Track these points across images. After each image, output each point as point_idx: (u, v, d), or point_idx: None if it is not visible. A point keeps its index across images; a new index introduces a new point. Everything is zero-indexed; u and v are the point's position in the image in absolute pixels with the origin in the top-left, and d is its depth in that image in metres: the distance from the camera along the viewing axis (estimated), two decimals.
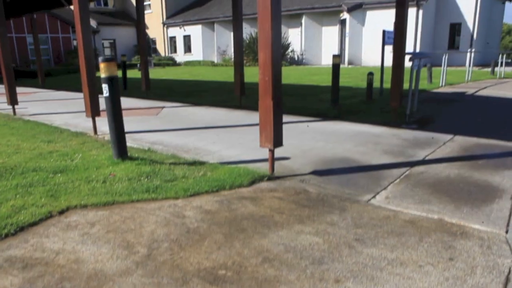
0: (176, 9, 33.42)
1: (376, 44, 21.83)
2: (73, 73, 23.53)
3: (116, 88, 3.82)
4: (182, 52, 32.35)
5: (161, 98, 10.39)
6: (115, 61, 3.80)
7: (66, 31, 28.30)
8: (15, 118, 7.87)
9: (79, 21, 5.53)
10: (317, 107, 8.17)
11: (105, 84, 3.79)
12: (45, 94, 12.74)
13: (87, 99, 5.77)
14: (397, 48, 6.16)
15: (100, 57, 3.73)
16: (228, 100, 9.47)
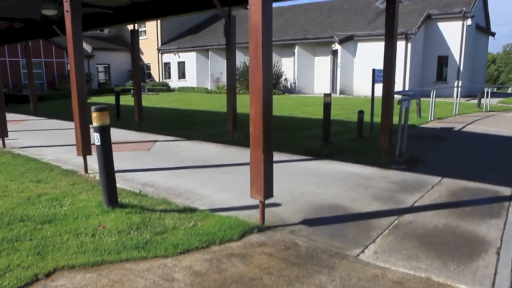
0: (171, 36, 33.86)
1: (367, 75, 22.20)
2: (66, 98, 23.55)
3: (108, 137, 3.85)
4: (176, 78, 32.61)
5: (154, 130, 10.41)
6: (107, 110, 3.83)
7: (61, 55, 28.44)
8: (5, 151, 7.83)
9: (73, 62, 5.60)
10: (309, 144, 8.24)
11: (97, 133, 3.82)
12: (36, 122, 12.72)
13: (78, 139, 5.78)
14: (386, 85, 6.25)
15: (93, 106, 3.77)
16: (221, 134, 9.52)
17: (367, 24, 23.96)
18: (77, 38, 5.54)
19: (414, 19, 22.30)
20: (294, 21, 27.91)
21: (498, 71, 76.82)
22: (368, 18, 24.46)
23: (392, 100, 6.29)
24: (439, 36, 22.95)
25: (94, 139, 3.98)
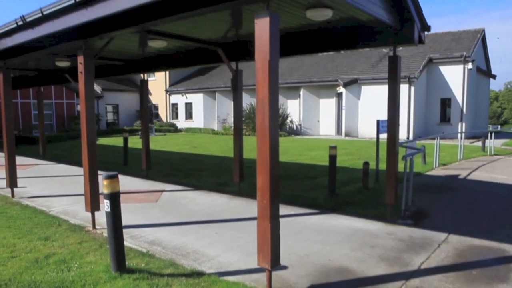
0: (179, 78, 34.72)
1: (371, 117, 22.62)
2: (75, 139, 23.90)
3: (117, 204, 3.94)
4: (183, 119, 33.12)
5: (161, 178, 10.51)
6: (117, 177, 3.94)
7: (71, 97, 29.13)
8: (13, 202, 7.92)
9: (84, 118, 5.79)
10: (315, 196, 8.27)
11: (107, 200, 3.92)
12: (45, 167, 12.88)
13: (87, 195, 5.87)
14: (390, 131, 6.31)
15: (104, 173, 3.88)
16: (228, 183, 9.60)
17: (371, 67, 24.48)
18: (90, 97, 5.76)
19: (416, 63, 22.79)
20: (299, 64, 28.59)
21: (501, 108, 77.42)
22: (371, 62, 25.01)
23: (396, 148, 6.35)
24: (441, 79, 23.37)
25: (105, 207, 4.07)
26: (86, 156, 5.79)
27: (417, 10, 6.04)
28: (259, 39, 3.59)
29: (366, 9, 5.16)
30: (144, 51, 8.94)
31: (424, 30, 6.50)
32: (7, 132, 8.28)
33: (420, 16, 6.18)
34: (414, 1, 5.95)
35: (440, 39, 25.14)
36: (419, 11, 6.10)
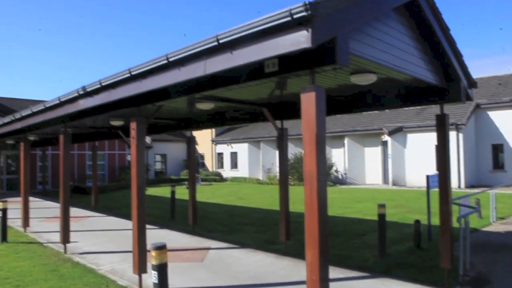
0: (224, 128, 35.63)
1: (419, 166, 21.93)
2: (125, 189, 24.76)
3: (165, 276, 3.96)
4: (228, 168, 33.58)
5: (206, 233, 10.54)
6: (165, 248, 3.99)
7: (122, 148, 30.55)
8: (65, 258, 8.16)
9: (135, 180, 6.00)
10: (364, 256, 7.92)
11: (154, 272, 3.95)
12: (96, 220, 13.33)
13: (135, 257, 5.96)
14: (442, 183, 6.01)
15: (152, 244, 3.94)
16: (274, 240, 9.44)
17: (416, 115, 24.04)
18: (140, 162, 5.99)
19: (463, 109, 22.11)
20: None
21: None
22: (416, 109, 24.59)
23: (449, 207, 6.01)
24: (491, 124, 22.47)
25: (152, 278, 4.10)
26: (135, 219, 5.93)
27: (462, 69, 5.94)
28: (305, 113, 3.64)
29: (411, 72, 5.15)
30: (192, 111, 9.31)
31: (471, 87, 6.35)
32: (64, 189, 8.73)
33: (466, 74, 6.07)
34: (459, 60, 5.87)
35: (487, 83, 24.40)
36: (464, 69, 5.99)
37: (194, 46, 4.17)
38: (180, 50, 4.36)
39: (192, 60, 4.27)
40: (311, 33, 3.20)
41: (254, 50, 3.65)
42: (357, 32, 4.07)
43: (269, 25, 3.44)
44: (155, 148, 34.01)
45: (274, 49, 3.51)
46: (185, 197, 16.44)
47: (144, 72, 4.98)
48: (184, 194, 18.34)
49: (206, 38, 4.01)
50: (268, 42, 3.54)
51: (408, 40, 5.43)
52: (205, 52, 4.07)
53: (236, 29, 3.69)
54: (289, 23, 3.31)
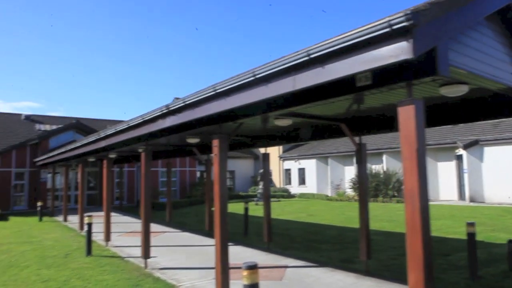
0: (292, 144, 35.52)
1: (499, 181, 20.32)
2: (195, 205, 25.49)
3: None
4: (296, 184, 33.31)
5: (281, 250, 10.38)
6: (256, 268, 3.90)
7: (193, 165, 31.53)
8: (146, 273, 8.39)
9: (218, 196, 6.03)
10: (454, 279, 7.28)
11: None
12: (171, 235, 13.70)
13: (218, 275, 5.95)
14: None
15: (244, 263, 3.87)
16: (352, 259, 9.04)
17: (493, 127, 22.32)
18: (223, 178, 6.03)
19: None
20: None
21: None
22: (493, 121, 22.80)
23: None
24: None
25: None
26: (218, 236, 5.94)
27: None
28: (404, 127, 3.41)
29: (505, 81, 4.81)
30: (266, 127, 9.31)
31: None
32: (145, 205, 9.06)
33: None
34: None
35: None
36: None
37: (282, 61, 4.10)
38: (267, 66, 4.32)
39: (280, 76, 4.21)
40: (412, 43, 3.01)
41: (347, 63, 3.51)
42: (453, 41, 3.84)
43: (365, 37, 3.29)
44: None
45: (369, 62, 3.34)
46: (255, 214, 16.52)
47: (229, 89, 5.01)
48: (254, 210, 18.42)
49: (295, 53, 3.94)
50: (363, 55, 3.38)
51: (500, 47, 5.09)
52: (294, 67, 3.99)
53: (328, 42, 3.58)
54: (387, 34, 3.14)
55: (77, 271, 8.58)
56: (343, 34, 3.49)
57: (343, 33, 3.51)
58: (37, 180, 25.59)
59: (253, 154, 37.33)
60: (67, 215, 18.87)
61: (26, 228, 16.36)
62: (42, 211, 19.44)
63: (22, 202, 25.29)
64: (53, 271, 8.58)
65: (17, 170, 25.28)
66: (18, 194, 25.21)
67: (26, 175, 25.48)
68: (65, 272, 8.51)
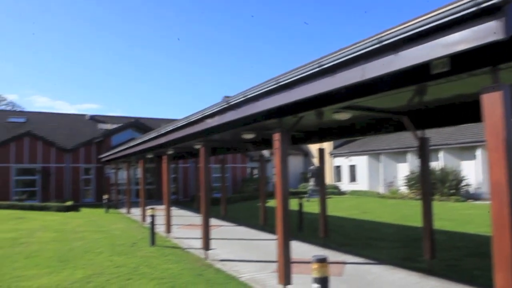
0: (342, 140, 34.88)
1: None
2: (247, 200, 25.82)
3: None
4: (347, 181, 32.71)
5: (337, 247, 10.24)
6: (326, 261, 3.86)
7: (244, 161, 31.89)
8: (207, 264, 8.61)
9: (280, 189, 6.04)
10: None
11: (316, 285, 3.84)
12: (227, 229, 13.94)
13: (281, 267, 5.96)
14: None
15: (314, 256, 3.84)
16: (413, 257, 8.74)
17: None
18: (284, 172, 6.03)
19: None
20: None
21: None
22: None
23: None
24: None
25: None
26: (280, 229, 5.95)
27: None
28: (489, 115, 3.22)
29: None
30: (321, 122, 9.18)
31: None
32: (205, 198, 9.28)
33: None
34: None
35: None
36: None
37: (350, 50, 4.01)
38: (333, 56, 4.24)
39: (348, 65, 4.12)
40: (504, 22, 2.80)
41: (424, 49, 3.36)
42: None
43: (445, 20, 3.12)
44: (273, 161, 34.74)
45: (449, 47, 3.17)
46: (307, 210, 16.35)
47: (292, 81, 4.98)
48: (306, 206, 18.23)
49: (365, 40, 3.83)
50: (442, 39, 3.22)
51: None
52: (363, 56, 3.89)
53: (402, 28, 3.45)
54: (473, 14, 2.96)
55: (144, 259, 8.99)
56: (418, 18, 3.35)
57: (419, 17, 3.37)
58: (102, 175, 27.25)
59: (302, 150, 37.08)
60: (130, 208, 19.81)
61: (95, 219, 17.53)
62: (108, 203, 20.70)
63: (90, 195, 27.22)
64: (123, 258, 9.07)
65: (85, 166, 27.36)
66: (87, 188, 27.40)
67: (92, 170, 27.38)
68: (134, 259, 8.96)
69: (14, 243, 11.39)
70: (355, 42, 4.01)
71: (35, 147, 26.15)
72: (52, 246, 10.80)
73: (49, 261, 8.96)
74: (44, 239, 12.04)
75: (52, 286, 6.98)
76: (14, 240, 11.79)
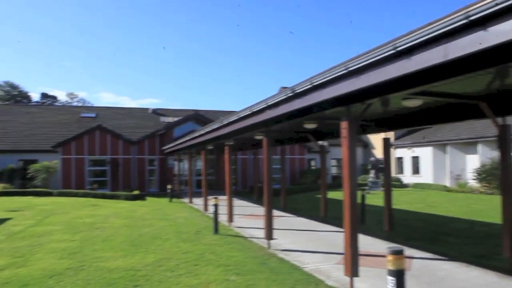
0: (404, 130, 33.46)
1: None
2: (306, 192, 25.68)
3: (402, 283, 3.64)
4: (409, 173, 31.40)
5: (403, 241, 9.84)
6: (403, 253, 3.68)
7: (302, 153, 31.69)
8: (270, 253, 8.64)
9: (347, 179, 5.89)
10: None
11: (392, 277, 3.68)
12: (288, 220, 13.91)
13: (348, 260, 5.82)
14: None
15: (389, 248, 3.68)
16: (489, 255, 8.18)
17: None
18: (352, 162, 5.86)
19: None
20: None
21: None
22: None
23: None
24: None
25: (388, 284, 3.83)
26: (347, 221, 5.81)
27: None
28: None
29: None
30: (388, 109, 8.81)
31: None
32: (268, 188, 9.30)
33: None
34: None
35: None
36: None
37: (430, 29, 3.75)
38: (410, 36, 3.99)
39: (427, 46, 3.86)
40: None
41: None
42: None
43: None
44: (332, 152, 34.15)
45: None
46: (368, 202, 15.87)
47: (363, 66, 4.78)
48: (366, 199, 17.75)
49: (448, 17, 3.56)
50: None
51: None
52: (446, 34, 3.62)
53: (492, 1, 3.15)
54: None
55: (208, 246, 9.23)
56: None
57: None
58: (165, 166, 28.46)
59: (361, 141, 36.09)
60: (192, 198, 20.46)
61: (160, 207, 18.36)
62: (171, 193, 21.64)
63: (154, 185, 28.52)
64: (189, 245, 9.38)
65: (150, 157, 28.71)
66: (151, 178, 28.79)
67: (156, 161, 28.64)
68: (199, 246, 9.24)
69: (91, 227, 12.20)
70: (436, 20, 3.74)
71: (105, 139, 27.75)
72: (123, 231, 11.42)
73: (122, 245, 9.47)
74: (116, 224, 12.76)
75: (127, 268, 7.36)
76: (91, 225, 12.63)
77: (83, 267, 7.41)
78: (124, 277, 6.74)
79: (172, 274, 6.90)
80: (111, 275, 6.88)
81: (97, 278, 6.69)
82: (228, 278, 6.65)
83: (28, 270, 7.29)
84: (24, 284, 6.44)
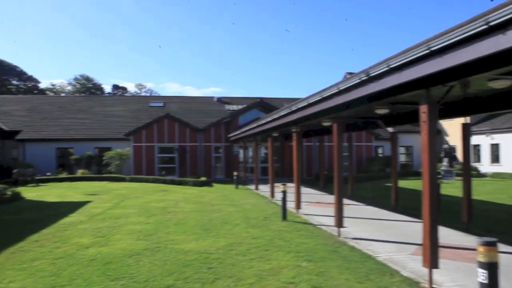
0: (482, 116, 31.12)
1: None
2: (373, 180, 24.95)
3: (495, 276, 3.38)
4: (487, 162, 29.26)
5: (483, 232, 9.22)
6: (496, 245, 3.41)
7: (369, 140, 30.72)
8: (340, 241, 8.50)
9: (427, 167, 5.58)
10: None
11: (483, 270, 3.42)
12: (355, 208, 13.61)
13: (426, 250, 5.55)
14: None
15: (480, 238, 3.43)
16: None
17: None
18: (432, 148, 5.55)
19: None
20: None
21: None
22: None
23: None
24: None
25: (479, 278, 3.58)
26: (427, 209, 5.53)
27: None
28: None
29: None
30: (468, 92, 8.17)
31: None
32: (338, 176, 9.13)
33: None
34: None
35: None
36: None
37: None
38: (507, 9, 3.64)
39: None
40: None
41: None
42: None
43: None
44: (400, 140, 32.72)
45: None
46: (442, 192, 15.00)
47: (449, 44, 4.44)
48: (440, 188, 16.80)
49: None
50: None
51: None
52: None
53: None
54: None
55: (277, 232, 9.28)
56: None
57: None
58: (230, 153, 29.05)
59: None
60: (258, 184, 20.70)
61: (227, 194, 18.78)
62: (238, 179, 22.13)
63: (220, 171, 29.30)
64: (258, 231, 9.49)
65: (215, 145, 29.44)
66: (217, 165, 29.55)
67: (222, 149, 29.33)
68: (268, 232, 9.31)
69: (163, 211, 12.79)
70: None
71: (173, 128, 28.86)
72: (194, 216, 11.83)
73: (194, 228, 9.83)
74: (186, 209, 13.27)
75: (200, 250, 7.63)
76: (163, 209, 13.24)
77: (159, 249, 7.79)
78: (198, 259, 6.99)
79: (244, 258, 7.03)
80: (185, 257, 7.16)
81: (173, 259, 7.00)
82: (300, 264, 6.64)
83: (110, 249, 7.82)
84: (108, 262, 6.91)
